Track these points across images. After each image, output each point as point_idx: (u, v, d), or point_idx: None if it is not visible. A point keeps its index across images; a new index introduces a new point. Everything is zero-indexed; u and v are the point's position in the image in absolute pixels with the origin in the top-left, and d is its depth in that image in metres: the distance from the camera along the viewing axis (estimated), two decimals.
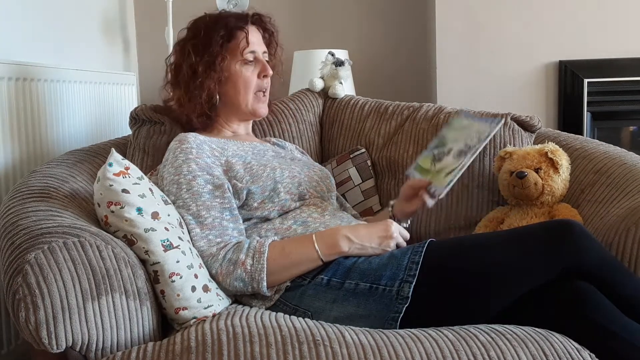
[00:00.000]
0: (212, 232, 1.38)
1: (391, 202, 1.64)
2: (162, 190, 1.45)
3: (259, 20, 1.68)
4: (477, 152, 1.48)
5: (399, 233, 1.41)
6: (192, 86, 1.59)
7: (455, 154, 1.52)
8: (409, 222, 1.64)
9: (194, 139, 1.50)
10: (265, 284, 1.33)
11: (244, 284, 1.34)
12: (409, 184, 1.57)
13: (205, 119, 1.63)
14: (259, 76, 1.63)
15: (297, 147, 1.86)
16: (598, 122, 2.57)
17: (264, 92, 1.65)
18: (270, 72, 1.63)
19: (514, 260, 1.25)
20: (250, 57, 1.61)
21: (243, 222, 1.46)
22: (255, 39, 1.63)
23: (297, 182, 1.51)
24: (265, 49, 1.67)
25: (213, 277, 1.35)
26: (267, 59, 1.67)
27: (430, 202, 1.54)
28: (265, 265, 1.33)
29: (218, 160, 1.49)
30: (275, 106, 1.93)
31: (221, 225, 1.39)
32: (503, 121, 1.54)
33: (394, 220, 1.58)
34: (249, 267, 1.33)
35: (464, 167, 1.47)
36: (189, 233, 1.39)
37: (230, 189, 1.46)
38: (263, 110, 1.66)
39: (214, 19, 1.63)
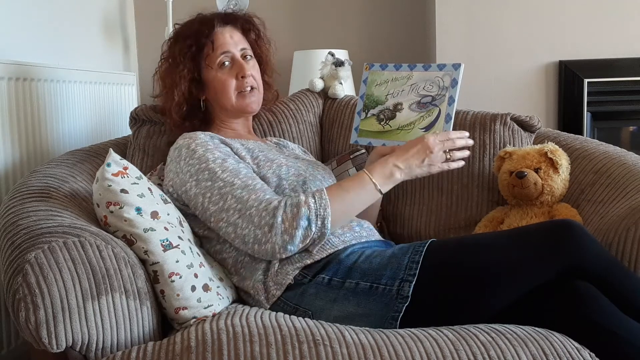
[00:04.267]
0: (265, 193, 1.38)
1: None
2: (183, 184, 1.43)
3: (232, 19, 1.65)
4: (455, 99, 1.49)
5: (439, 141, 1.42)
6: (164, 94, 1.63)
7: (413, 106, 1.53)
8: None
9: (204, 135, 1.51)
10: (330, 219, 1.33)
11: (309, 223, 1.32)
12: (379, 151, 1.56)
13: (184, 125, 1.63)
14: (236, 77, 1.59)
15: (300, 146, 1.86)
16: (598, 122, 2.57)
17: (250, 89, 1.61)
18: (247, 72, 1.59)
19: (514, 260, 1.25)
20: (224, 58, 1.59)
21: None
22: (228, 40, 1.60)
23: (302, 180, 1.51)
24: (244, 45, 1.63)
25: (277, 228, 1.32)
26: (249, 54, 1.63)
27: None
28: (328, 201, 1.34)
29: (231, 152, 1.50)
30: (275, 106, 1.93)
31: (269, 190, 1.40)
32: (462, 66, 1.54)
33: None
34: (312, 205, 1.33)
35: (449, 115, 1.48)
36: (246, 203, 1.35)
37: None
38: (253, 105, 1.63)
39: (183, 29, 1.63)
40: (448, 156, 1.43)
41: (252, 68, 1.62)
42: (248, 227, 1.34)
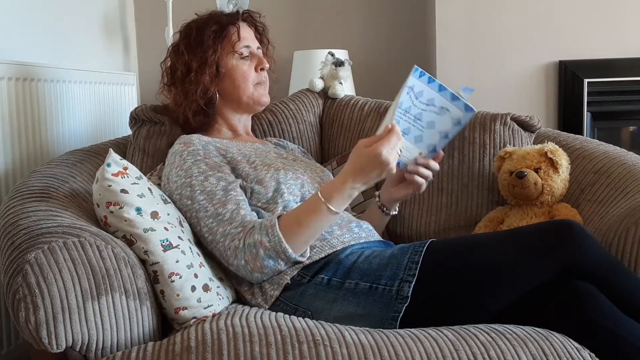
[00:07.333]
0: (232, 225, 1.37)
1: (376, 193, 1.66)
2: (172, 194, 1.45)
3: (249, 17, 1.70)
4: (450, 137, 1.48)
5: (391, 150, 1.32)
6: (187, 82, 1.60)
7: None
8: (397, 209, 1.66)
9: (199, 140, 1.51)
10: (290, 251, 1.32)
11: (274, 260, 1.33)
12: None
13: (202, 117, 1.62)
14: (256, 69, 1.64)
15: (299, 147, 1.86)
16: (598, 122, 2.57)
17: (263, 84, 1.66)
18: (267, 65, 1.65)
19: (513, 260, 1.25)
20: (245, 51, 1.63)
21: None
22: (248, 35, 1.65)
23: (300, 184, 1.51)
24: (259, 44, 1.69)
25: (243, 269, 1.34)
26: (261, 54, 1.68)
27: (424, 184, 1.53)
28: (280, 236, 1.32)
29: (225, 159, 1.50)
30: (275, 106, 1.93)
31: (239, 215, 1.39)
32: (475, 112, 1.49)
33: (383, 211, 1.63)
34: (267, 244, 1.32)
35: (435, 146, 1.48)
36: (215, 236, 1.38)
37: (240, 184, 1.46)
38: (265, 98, 1.67)
39: (206, 18, 1.65)
40: (399, 152, 1.37)
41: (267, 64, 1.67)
42: (221, 258, 1.38)
